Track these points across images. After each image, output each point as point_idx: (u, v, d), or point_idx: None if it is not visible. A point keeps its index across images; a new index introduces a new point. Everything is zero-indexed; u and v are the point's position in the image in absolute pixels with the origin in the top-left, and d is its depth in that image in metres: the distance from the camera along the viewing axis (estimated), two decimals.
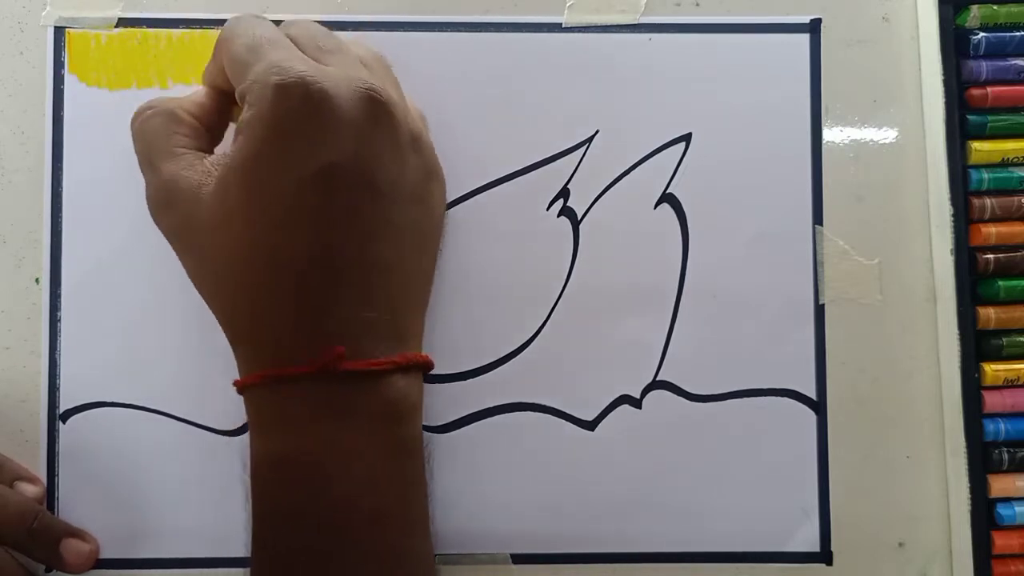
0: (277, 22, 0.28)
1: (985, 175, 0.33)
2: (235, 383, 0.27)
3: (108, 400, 0.32)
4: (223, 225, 0.26)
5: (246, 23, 0.27)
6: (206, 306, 0.28)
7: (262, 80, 0.25)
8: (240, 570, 0.32)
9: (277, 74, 0.25)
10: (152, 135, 0.27)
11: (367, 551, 0.25)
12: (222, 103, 0.29)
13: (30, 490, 0.31)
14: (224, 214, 0.26)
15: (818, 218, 0.33)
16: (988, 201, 0.33)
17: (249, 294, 0.26)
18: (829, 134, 0.34)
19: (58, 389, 0.32)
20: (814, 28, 0.34)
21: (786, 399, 0.33)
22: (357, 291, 0.26)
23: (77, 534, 0.31)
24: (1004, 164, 0.34)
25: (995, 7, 0.34)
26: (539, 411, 0.33)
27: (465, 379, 0.33)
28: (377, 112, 0.26)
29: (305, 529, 0.25)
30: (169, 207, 0.27)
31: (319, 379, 0.25)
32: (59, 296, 0.32)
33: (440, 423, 0.33)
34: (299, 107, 0.24)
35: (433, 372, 0.33)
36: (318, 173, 0.25)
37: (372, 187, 0.26)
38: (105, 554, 0.32)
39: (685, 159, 0.33)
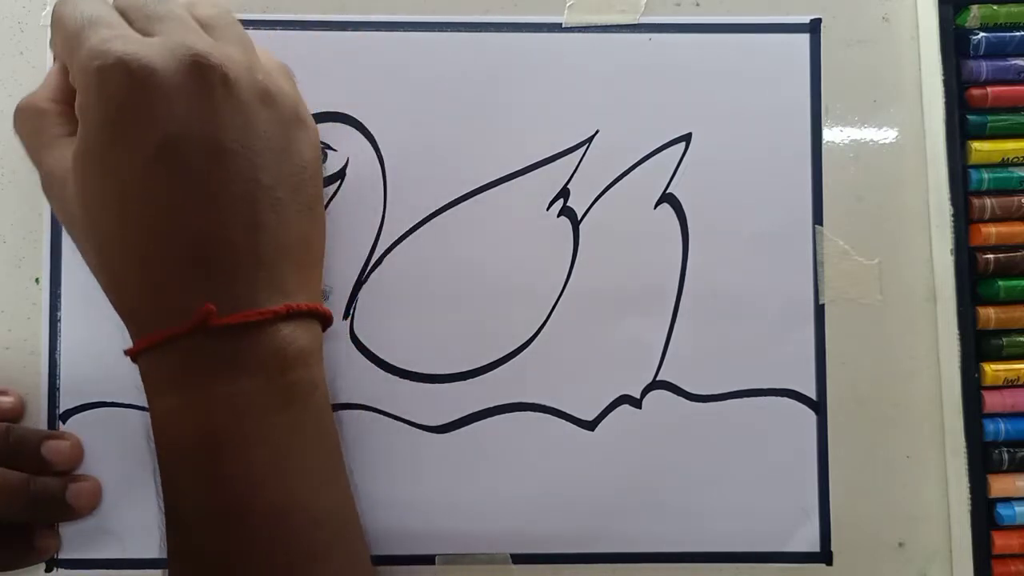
0: None
1: (985, 175, 0.33)
2: (126, 352, 0.28)
3: (108, 400, 0.32)
4: (85, 208, 0.27)
5: (70, 3, 0.27)
6: None
7: (84, 66, 0.25)
8: None
9: (97, 58, 0.25)
10: (26, 134, 0.29)
11: (268, 502, 0.26)
12: None
13: (4, 402, 0.31)
14: (84, 198, 0.27)
15: (818, 218, 0.33)
16: (988, 201, 0.33)
17: (120, 269, 0.27)
18: (829, 134, 0.34)
19: (58, 389, 0.32)
20: (814, 28, 0.34)
21: (786, 399, 0.33)
22: (225, 249, 0.26)
23: (53, 435, 0.31)
24: (1004, 164, 0.34)
25: (995, 7, 0.34)
26: (539, 411, 0.33)
27: (465, 379, 0.33)
28: (208, 76, 0.26)
29: (205, 485, 0.26)
30: (50, 197, 0.28)
31: (197, 337, 0.26)
32: (59, 296, 0.32)
33: (440, 423, 0.33)
34: (123, 89, 0.25)
35: (433, 372, 0.33)
36: (158, 148, 0.25)
37: (219, 150, 0.26)
38: (105, 554, 0.32)
39: (685, 159, 0.33)
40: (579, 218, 0.33)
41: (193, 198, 0.26)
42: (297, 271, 0.28)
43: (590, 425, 0.33)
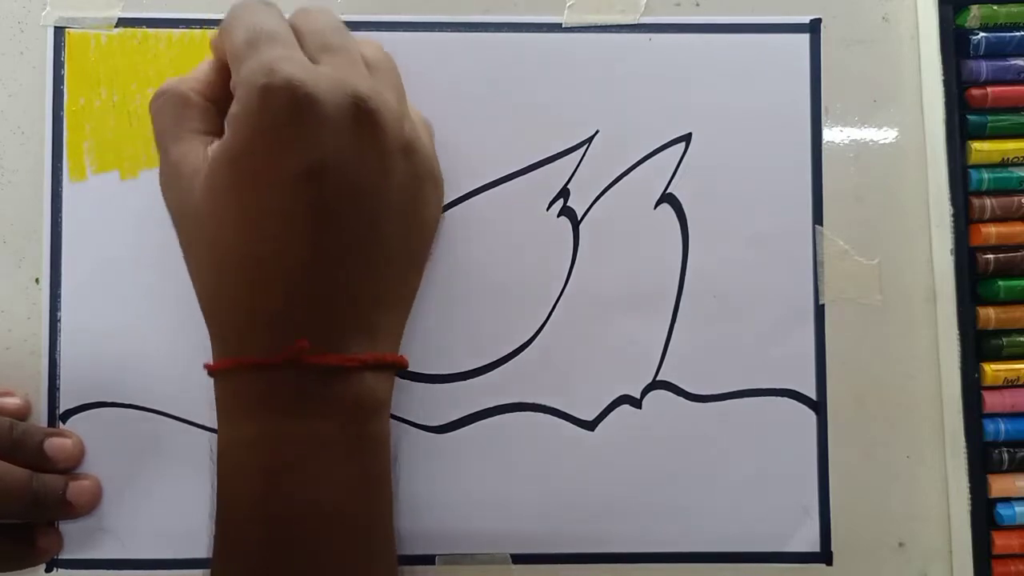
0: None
1: (985, 175, 0.33)
2: (206, 366, 0.27)
3: (108, 400, 0.32)
4: (210, 213, 0.26)
5: (249, 10, 0.27)
6: None
7: (250, 79, 0.25)
8: None
9: (265, 75, 0.25)
10: (164, 119, 0.28)
11: (322, 546, 0.26)
12: (230, 76, 0.29)
13: (10, 403, 0.31)
14: (212, 203, 0.26)
15: (818, 218, 0.33)
16: (988, 201, 0.33)
17: (227, 282, 0.27)
18: (829, 134, 0.34)
19: (58, 389, 0.32)
20: (814, 28, 0.34)
21: (786, 399, 0.33)
22: (332, 289, 0.26)
23: (56, 433, 0.31)
24: (1004, 164, 0.34)
25: (995, 7, 0.34)
26: (539, 411, 0.33)
27: (465, 379, 0.33)
28: (362, 119, 0.26)
29: (261, 519, 0.26)
30: (170, 189, 0.28)
31: (285, 370, 0.26)
32: (59, 296, 0.32)
33: (440, 423, 0.33)
34: (283, 111, 0.25)
35: (433, 372, 0.33)
36: (299, 174, 0.25)
37: (355, 190, 0.26)
38: (105, 554, 0.32)
39: (685, 159, 0.33)
40: (579, 218, 0.33)
41: (315, 232, 0.26)
42: (389, 321, 0.29)
43: (590, 425, 0.33)
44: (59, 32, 0.33)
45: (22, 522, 0.31)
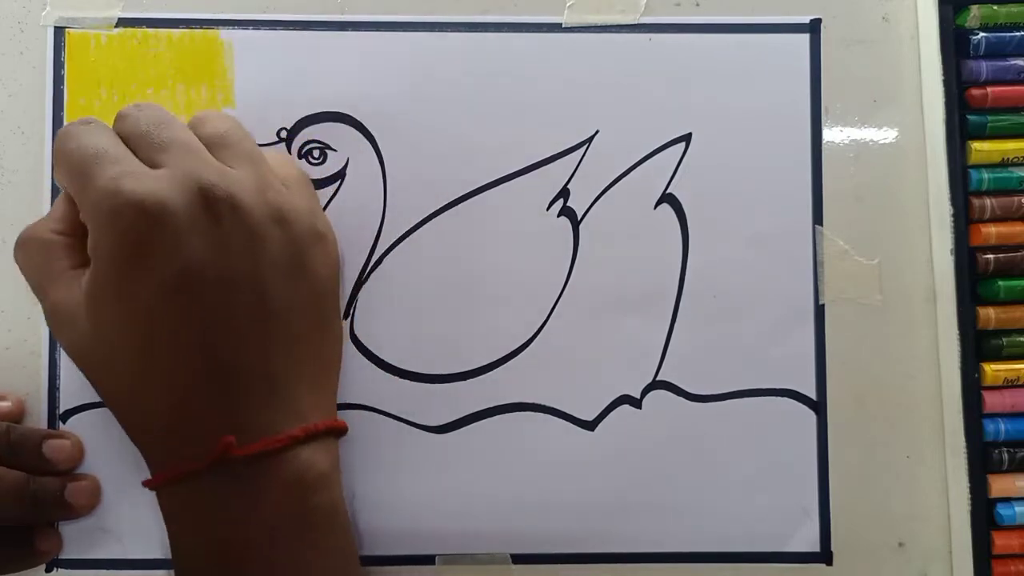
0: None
1: (985, 175, 0.33)
2: (143, 483, 0.28)
3: None
4: (99, 345, 0.27)
5: (73, 136, 0.27)
6: None
7: (96, 207, 0.25)
8: None
9: (108, 199, 0.25)
10: (31, 267, 0.28)
11: None
12: None
13: (2, 406, 0.31)
14: (97, 336, 0.27)
15: (818, 218, 0.33)
16: (988, 201, 0.33)
17: (136, 405, 0.27)
18: (829, 134, 0.34)
19: (58, 389, 0.32)
20: (814, 28, 0.34)
21: (786, 399, 0.33)
22: (240, 379, 0.26)
23: (56, 435, 0.31)
24: (1004, 164, 0.34)
25: (995, 7, 0.34)
26: (539, 411, 0.33)
27: (465, 379, 0.33)
28: (217, 208, 0.26)
29: None
30: (58, 332, 0.28)
31: (217, 471, 0.26)
32: None
33: (440, 423, 0.33)
34: (135, 228, 0.25)
35: (433, 372, 0.33)
36: (170, 282, 0.25)
37: (232, 280, 0.26)
38: (105, 554, 0.32)
39: (685, 159, 0.33)
40: (579, 218, 0.33)
41: (205, 329, 0.26)
42: (313, 390, 0.28)
43: (590, 425, 0.33)
44: (59, 32, 0.33)
45: (21, 524, 0.31)
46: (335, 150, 0.33)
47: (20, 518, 0.31)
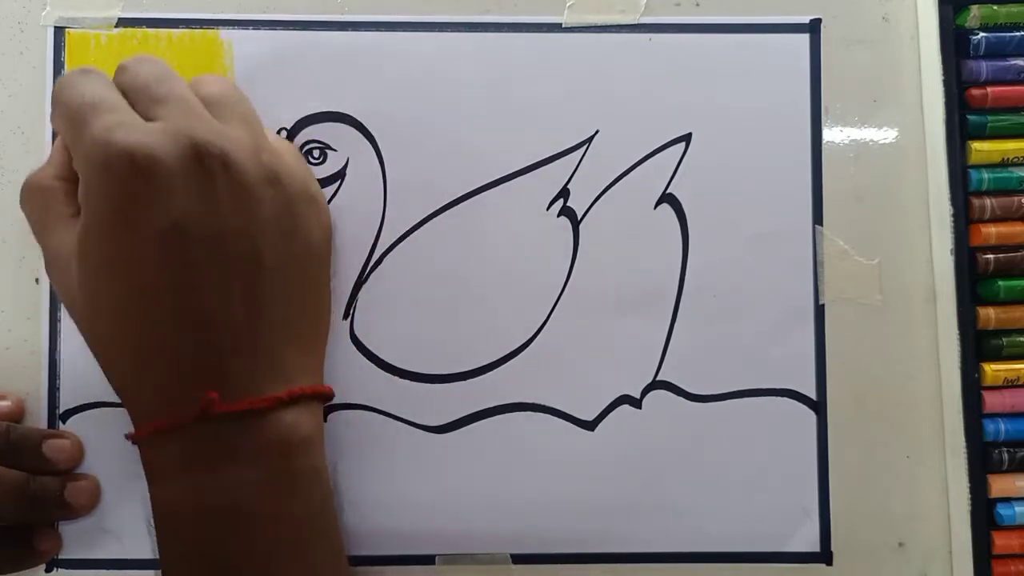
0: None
1: (985, 175, 0.33)
2: (126, 436, 0.28)
3: (108, 400, 0.32)
4: (91, 293, 0.27)
5: (71, 84, 0.27)
6: None
7: (87, 156, 0.25)
8: None
9: (101, 148, 0.25)
10: (32, 213, 0.29)
11: None
12: None
13: (2, 406, 0.31)
14: (88, 282, 0.27)
15: (818, 218, 0.33)
16: (988, 201, 0.33)
17: (123, 355, 0.27)
18: (829, 134, 0.34)
19: (58, 389, 0.32)
20: (814, 28, 0.34)
21: (786, 399, 0.33)
22: (228, 336, 0.26)
23: (56, 434, 0.31)
24: (1004, 164, 0.34)
25: (995, 7, 0.34)
26: (539, 411, 0.33)
27: (465, 379, 0.33)
28: (208, 163, 0.26)
29: (204, 570, 0.26)
30: (55, 278, 0.28)
31: (200, 425, 0.26)
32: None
33: (440, 423, 0.33)
34: (127, 179, 0.25)
35: (433, 372, 0.33)
36: (160, 235, 0.25)
37: (222, 235, 0.26)
38: (105, 554, 0.32)
39: (685, 159, 0.33)
40: (579, 218, 0.33)
41: (194, 285, 0.26)
42: (300, 353, 0.28)
43: (590, 425, 0.33)
44: (59, 32, 0.33)
45: (21, 524, 0.31)
46: (335, 150, 0.33)
47: (20, 518, 0.31)
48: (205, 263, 0.26)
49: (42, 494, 0.30)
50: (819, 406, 0.33)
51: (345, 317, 0.33)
